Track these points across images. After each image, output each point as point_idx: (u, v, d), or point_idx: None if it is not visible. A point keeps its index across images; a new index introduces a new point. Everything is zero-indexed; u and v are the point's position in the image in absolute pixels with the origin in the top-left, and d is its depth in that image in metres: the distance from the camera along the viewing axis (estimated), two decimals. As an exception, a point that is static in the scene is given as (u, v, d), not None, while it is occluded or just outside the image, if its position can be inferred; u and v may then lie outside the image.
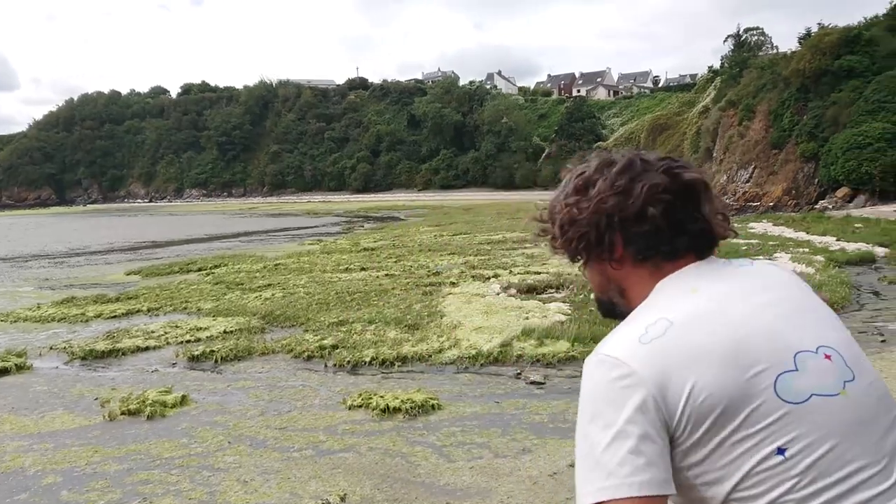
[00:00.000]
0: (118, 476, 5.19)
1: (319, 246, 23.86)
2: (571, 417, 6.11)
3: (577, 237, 1.19)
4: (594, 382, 1.03)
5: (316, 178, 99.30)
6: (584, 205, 1.17)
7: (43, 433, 6.21)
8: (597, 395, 1.01)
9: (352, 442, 5.71)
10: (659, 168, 1.15)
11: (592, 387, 1.03)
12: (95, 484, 5.06)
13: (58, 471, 5.33)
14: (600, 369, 1.03)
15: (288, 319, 10.62)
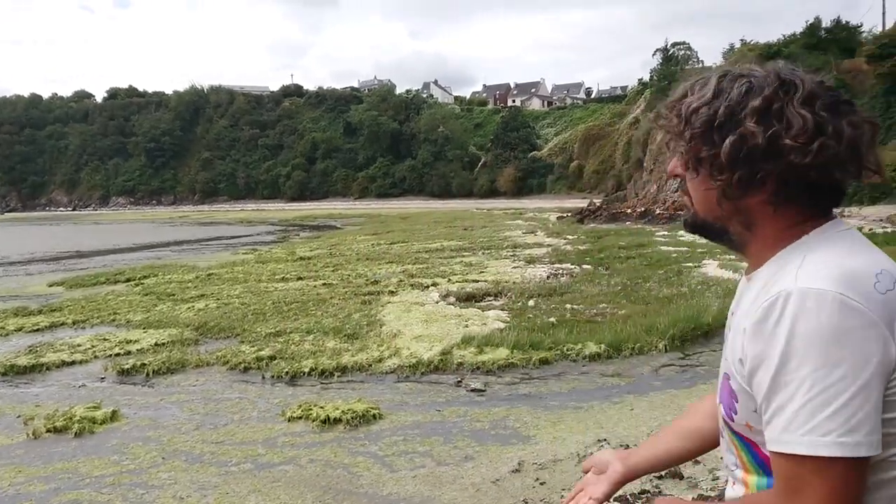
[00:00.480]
0: (44, 497, 4.95)
1: (254, 255, 23.41)
2: (512, 424, 6.17)
3: (727, 160, 1.03)
4: (837, 322, 0.92)
5: (249, 185, 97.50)
6: (769, 131, 1.00)
7: (-40, 454, 5.88)
8: (841, 338, 0.91)
9: (292, 454, 5.62)
10: (833, 104, 1.03)
11: (836, 326, 0.92)
12: (19, 506, 4.82)
13: (-22, 493, 5.06)
14: (845, 311, 0.92)
15: (223, 330, 10.37)
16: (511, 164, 75.77)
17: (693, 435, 1.39)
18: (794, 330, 0.93)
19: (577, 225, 34.06)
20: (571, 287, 12.94)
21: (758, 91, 1.01)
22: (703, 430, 1.37)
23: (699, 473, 4.78)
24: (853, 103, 1.03)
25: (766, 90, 1.01)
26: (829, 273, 0.96)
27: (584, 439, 5.66)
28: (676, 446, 1.39)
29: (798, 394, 0.92)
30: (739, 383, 1.03)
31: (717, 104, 1.03)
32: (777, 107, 0.99)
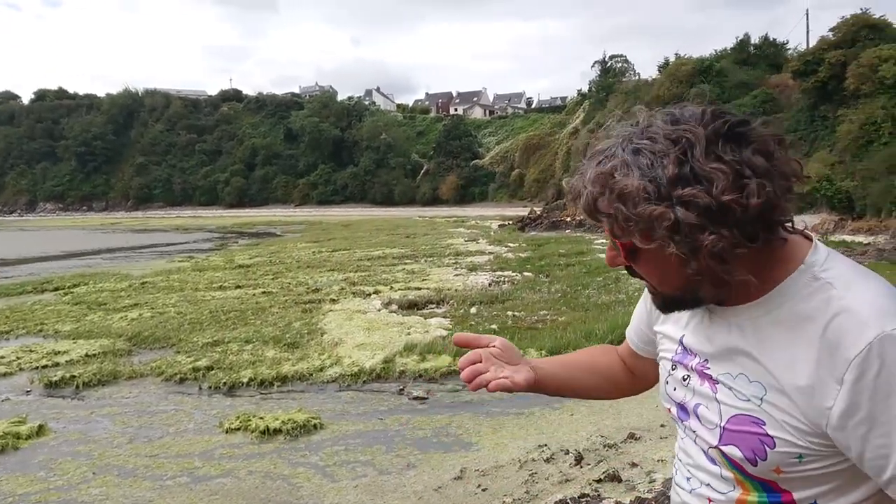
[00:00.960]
0: (-36, 517, 4.71)
1: (191, 263, 22.82)
2: (455, 431, 6.19)
3: (671, 235, 0.96)
4: None
5: (186, 191, 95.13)
6: (690, 195, 0.94)
7: None
8: None
9: (230, 466, 5.50)
10: (727, 133, 0.97)
11: None
12: (-63, 528, 4.57)
13: None
14: None
15: (157, 341, 10.07)
16: (453, 172, 76.17)
17: (604, 380, 1.42)
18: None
19: (518, 233, 34.44)
20: (513, 294, 13.07)
21: (662, 158, 0.97)
22: (615, 380, 1.43)
23: (636, 476, 4.88)
24: (746, 121, 0.99)
25: (669, 156, 0.96)
26: (889, 307, 0.95)
27: (525, 445, 5.72)
28: (582, 380, 1.39)
29: None
30: (789, 431, 1.00)
31: (641, 182, 0.96)
32: (687, 171, 0.95)
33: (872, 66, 26.12)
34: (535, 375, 1.25)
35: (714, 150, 0.95)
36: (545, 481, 4.90)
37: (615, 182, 0.99)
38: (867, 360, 0.92)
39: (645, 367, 1.39)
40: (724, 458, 1.08)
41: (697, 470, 1.14)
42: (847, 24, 29.39)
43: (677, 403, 1.17)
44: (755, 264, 1.00)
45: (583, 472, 5.03)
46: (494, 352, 1.24)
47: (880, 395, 0.91)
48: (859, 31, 28.86)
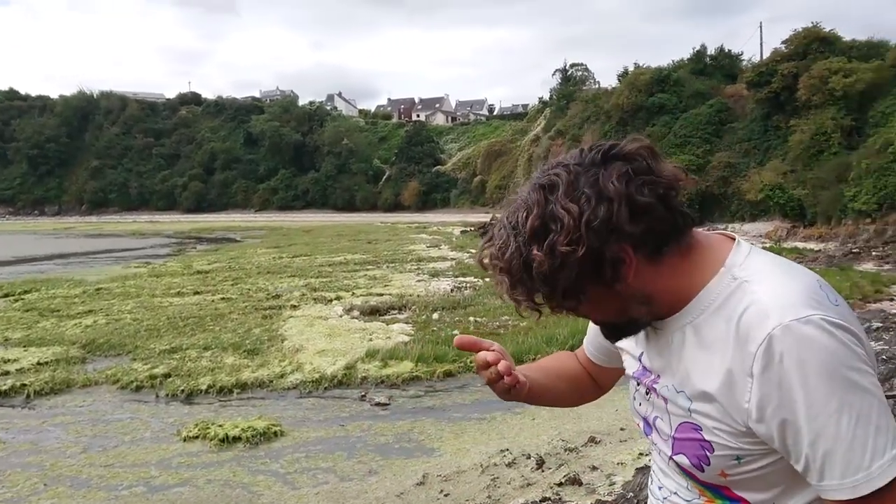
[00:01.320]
0: None
1: (147, 269, 22.35)
2: (416, 437, 6.18)
3: (574, 279, 0.99)
4: (835, 348, 0.91)
5: (143, 196, 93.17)
6: (563, 240, 0.96)
7: None
8: (845, 359, 0.91)
9: (188, 475, 5.40)
10: (601, 159, 1.01)
11: (833, 352, 0.91)
12: None
13: None
14: (837, 334, 0.92)
15: (113, 348, 9.85)
16: (415, 178, 76.13)
17: (573, 388, 1.44)
18: (804, 369, 0.91)
19: (480, 239, 34.52)
20: (475, 300, 13.12)
21: (526, 210, 1.02)
22: (581, 387, 1.45)
23: (597, 479, 4.94)
24: (613, 145, 1.03)
25: (533, 209, 1.00)
26: (795, 298, 0.95)
27: (487, 450, 5.74)
28: (556, 388, 1.40)
29: (841, 432, 0.90)
30: (721, 435, 1.01)
31: (512, 245, 1.02)
32: (553, 211, 0.98)
33: (823, 77, 26.94)
34: (527, 393, 1.27)
35: (573, 190, 0.99)
36: (507, 486, 4.93)
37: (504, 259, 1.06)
38: (769, 350, 0.93)
39: (603, 375, 1.43)
40: (678, 467, 1.10)
41: (666, 478, 1.17)
42: (799, 37, 30.28)
43: (643, 418, 1.19)
44: (675, 274, 1.03)
45: (544, 475, 5.07)
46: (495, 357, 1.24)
47: (786, 385, 0.92)
48: (811, 44, 29.75)
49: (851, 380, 0.91)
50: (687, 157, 34.37)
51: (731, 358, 0.97)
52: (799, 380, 0.91)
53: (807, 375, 0.91)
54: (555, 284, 1.00)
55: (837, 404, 0.90)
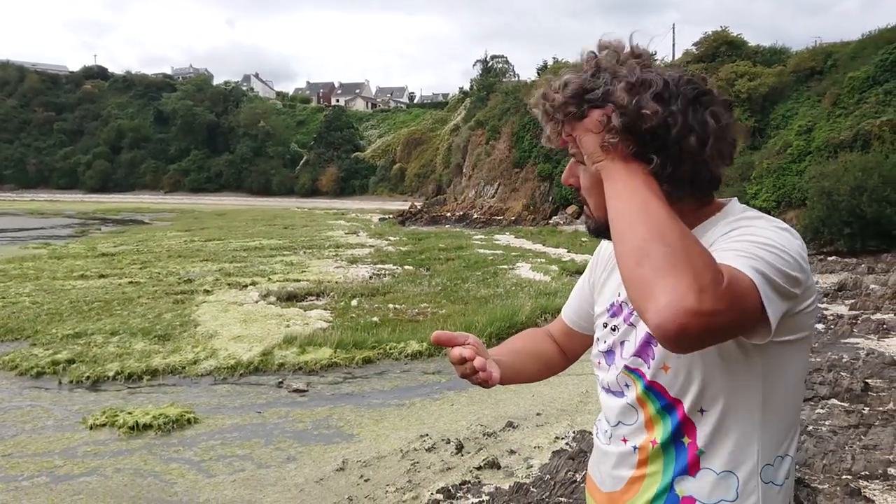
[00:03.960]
0: None
1: (48, 250, 21.17)
2: (335, 423, 6.14)
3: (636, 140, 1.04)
4: (796, 244, 1.04)
5: (42, 173, 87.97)
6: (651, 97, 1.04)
7: None
8: (797, 253, 1.02)
9: (95, 464, 5.19)
10: (694, 96, 1.09)
11: (794, 245, 1.03)
12: None
13: None
14: (797, 240, 1.05)
15: (10, 332, 9.31)
16: (334, 163, 75.08)
17: (543, 364, 1.50)
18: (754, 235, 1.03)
19: (398, 227, 34.54)
20: (394, 287, 13.11)
21: (622, 77, 1.08)
22: (551, 363, 1.51)
23: (515, 462, 5.05)
24: (711, 93, 1.10)
25: (624, 80, 1.06)
26: (767, 222, 1.08)
27: (406, 435, 5.77)
28: (527, 367, 1.46)
29: (755, 248, 1.00)
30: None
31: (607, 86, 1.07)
32: (634, 97, 1.04)
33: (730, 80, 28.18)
34: (498, 380, 1.30)
35: (668, 96, 1.06)
36: (427, 470, 4.97)
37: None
38: (733, 223, 1.09)
39: (574, 345, 1.51)
40: (629, 373, 1.19)
41: (612, 414, 1.25)
42: (709, 40, 31.54)
43: (605, 353, 1.27)
44: (683, 213, 1.09)
45: (463, 460, 5.14)
46: (470, 349, 1.27)
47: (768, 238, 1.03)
48: (719, 47, 31.04)
49: (790, 264, 1.00)
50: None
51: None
52: (768, 231, 1.04)
53: (768, 230, 1.03)
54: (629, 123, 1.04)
55: (773, 253, 0.99)
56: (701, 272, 0.89)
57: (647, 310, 0.90)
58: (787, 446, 1.15)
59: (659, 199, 0.99)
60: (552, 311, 10.60)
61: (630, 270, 0.95)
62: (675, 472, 1.14)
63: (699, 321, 0.87)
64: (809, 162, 21.52)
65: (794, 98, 26.77)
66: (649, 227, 0.95)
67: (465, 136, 42.95)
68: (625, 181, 1.02)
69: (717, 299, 0.88)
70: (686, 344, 0.92)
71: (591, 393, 6.75)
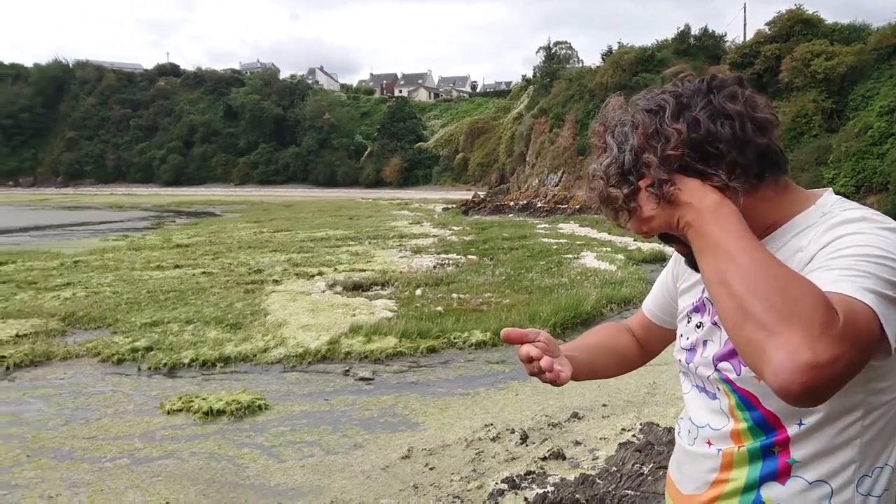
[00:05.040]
0: None
1: (126, 242, 22.12)
2: (401, 411, 6.21)
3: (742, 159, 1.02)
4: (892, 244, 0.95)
5: (120, 168, 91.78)
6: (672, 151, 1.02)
7: None
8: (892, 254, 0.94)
9: (172, 448, 5.40)
10: (707, 88, 1.06)
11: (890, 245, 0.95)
12: None
13: None
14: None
15: (93, 321, 9.77)
16: (397, 154, 75.65)
17: (620, 359, 1.47)
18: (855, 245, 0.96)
19: (462, 216, 34.60)
20: (457, 277, 13.14)
21: (636, 126, 1.06)
22: (629, 358, 1.48)
23: (580, 454, 5.01)
24: (714, 76, 1.07)
25: (639, 127, 1.05)
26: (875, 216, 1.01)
27: (471, 424, 5.79)
28: (602, 363, 1.43)
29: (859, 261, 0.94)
30: None
31: (621, 155, 1.06)
32: (652, 130, 1.04)
33: (805, 60, 27.05)
34: (571, 377, 1.29)
35: (681, 113, 1.04)
36: (492, 459, 4.98)
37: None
38: (834, 227, 1.00)
39: (653, 340, 1.48)
40: (718, 376, 1.14)
41: (698, 413, 1.20)
42: (782, 19, 30.31)
43: (688, 350, 1.23)
44: (767, 206, 1.08)
45: (528, 450, 5.13)
46: (541, 346, 1.25)
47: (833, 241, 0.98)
48: (794, 26, 29.80)
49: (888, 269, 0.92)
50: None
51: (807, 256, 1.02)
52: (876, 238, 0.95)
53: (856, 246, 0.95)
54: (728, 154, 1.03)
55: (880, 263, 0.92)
56: (809, 318, 0.83)
57: (765, 375, 0.85)
58: (888, 456, 1.08)
59: (743, 240, 0.93)
60: (618, 300, 10.45)
61: (736, 335, 0.90)
62: (762, 479, 1.09)
63: (821, 373, 0.81)
64: (892, 144, 20.48)
65: (874, 77, 25.49)
66: (741, 281, 0.89)
67: (529, 124, 42.61)
68: (703, 235, 0.98)
69: (835, 344, 0.82)
70: (816, 399, 0.85)
71: (658, 384, 6.63)
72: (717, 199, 1.00)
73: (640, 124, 1.06)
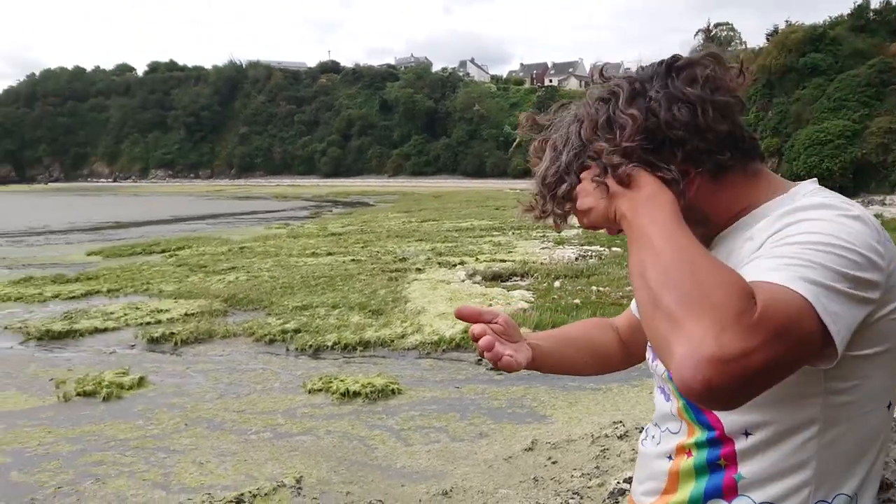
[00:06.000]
0: (71, 457, 5.13)
1: (287, 230, 23.67)
2: (529, 403, 6.20)
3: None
4: (867, 235, 0.84)
5: (285, 161, 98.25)
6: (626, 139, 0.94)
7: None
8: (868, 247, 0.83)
9: (310, 425, 5.72)
10: (665, 70, 0.96)
11: (863, 236, 0.84)
12: (47, 465, 5.00)
13: (8, 451, 5.26)
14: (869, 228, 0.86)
15: (251, 303, 10.54)
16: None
17: (596, 357, 1.37)
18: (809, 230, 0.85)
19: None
20: (599, 269, 12.85)
21: (579, 122, 1.00)
22: (607, 356, 1.38)
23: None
24: (676, 56, 0.97)
25: (588, 119, 0.99)
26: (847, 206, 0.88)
27: (600, 420, 5.67)
28: (575, 357, 1.34)
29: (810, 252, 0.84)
30: None
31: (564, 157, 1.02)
32: (603, 120, 0.96)
33: None
34: (532, 354, 1.22)
35: (635, 98, 0.95)
36: (616, 458, 4.85)
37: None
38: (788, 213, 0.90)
39: (639, 341, 1.35)
40: (667, 375, 1.05)
41: (662, 420, 1.11)
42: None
43: (651, 349, 1.16)
44: (735, 194, 0.99)
45: (657, 450, 4.94)
46: (497, 329, 1.19)
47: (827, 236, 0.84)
48: None
49: (841, 258, 0.80)
50: (841, 123, 31.66)
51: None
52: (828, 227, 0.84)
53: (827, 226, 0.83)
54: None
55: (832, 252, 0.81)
56: (720, 308, 0.73)
57: (671, 370, 0.75)
58: (855, 485, 0.94)
59: (668, 229, 0.84)
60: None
61: (648, 329, 0.81)
62: (707, 494, 0.99)
63: (727, 369, 0.71)
64: None
65: None
66: (655, 271, 0.81)
67: (684, 111, 40.75)
68: (632, 226, 0.90)
69: (745, 336, 0.71)
70: (725, 399, 0.75)
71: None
72: (654, 189, 0.91)
73: (586, 116, 0.99)
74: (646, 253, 0.84)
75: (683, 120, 0.92)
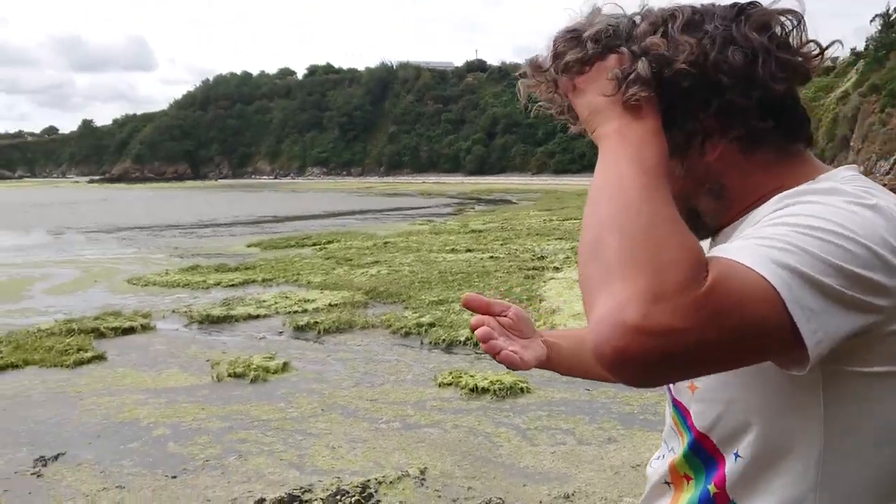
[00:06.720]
0: (220, 433, 5.54)
1: (429, 226, 24.24)
2: (663, 410, 5.93)
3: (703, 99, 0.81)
4: (883, 229, 0.70)
5: (431, 159, 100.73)
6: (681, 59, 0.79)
7: (158, 389, 6.72)
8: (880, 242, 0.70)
9: (438, 418, 5.82)
10: (736, 13, 0.82)
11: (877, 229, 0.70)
12: (199, 439, 5.43)
13: (167, 424, 5.77)
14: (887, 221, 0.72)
15: (390, 296, 10.89)
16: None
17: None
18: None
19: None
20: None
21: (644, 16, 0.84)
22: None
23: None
24: (757, 4, 0.81)
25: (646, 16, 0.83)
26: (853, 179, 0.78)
27: (739, 434, 5.33)
28: (593, 363, 1.24)
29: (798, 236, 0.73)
30: None
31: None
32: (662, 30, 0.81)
33: None
34: (546, 353, 1.14)
35: (699, 24, 0.80)
36: (755, 475, 4.54)
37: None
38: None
39: None
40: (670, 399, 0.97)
41: (665, 433, 1.01)
42: None
43: None
44: (762, 172, 0.84)
45: (802, 470, 4.58)
46: (506, 322, 1.12)
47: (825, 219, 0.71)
48: None
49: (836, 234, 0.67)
50: None
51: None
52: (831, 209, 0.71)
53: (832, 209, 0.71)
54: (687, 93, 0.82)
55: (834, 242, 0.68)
56: (664, 270, 0.63)
57: (588, 325, 0.66)
58: None
59: (647, 175, 0.72)
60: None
61: (581, 270, 0.70)
62: None
63: (644, 343, 0.61)
64: None
65: None
66: (612, 209, 0.70)
67: (855, 103, 37.43)
68: (606, 148, 0.78)
69: (680, 313, 0.61)
70: (633, 373, 0.64)
71: None
72: (653, 127, 0.77)
73: (647, 14, 0.84)
74: (612, 188, 0.73)
75: (735, 65, 0.78)
